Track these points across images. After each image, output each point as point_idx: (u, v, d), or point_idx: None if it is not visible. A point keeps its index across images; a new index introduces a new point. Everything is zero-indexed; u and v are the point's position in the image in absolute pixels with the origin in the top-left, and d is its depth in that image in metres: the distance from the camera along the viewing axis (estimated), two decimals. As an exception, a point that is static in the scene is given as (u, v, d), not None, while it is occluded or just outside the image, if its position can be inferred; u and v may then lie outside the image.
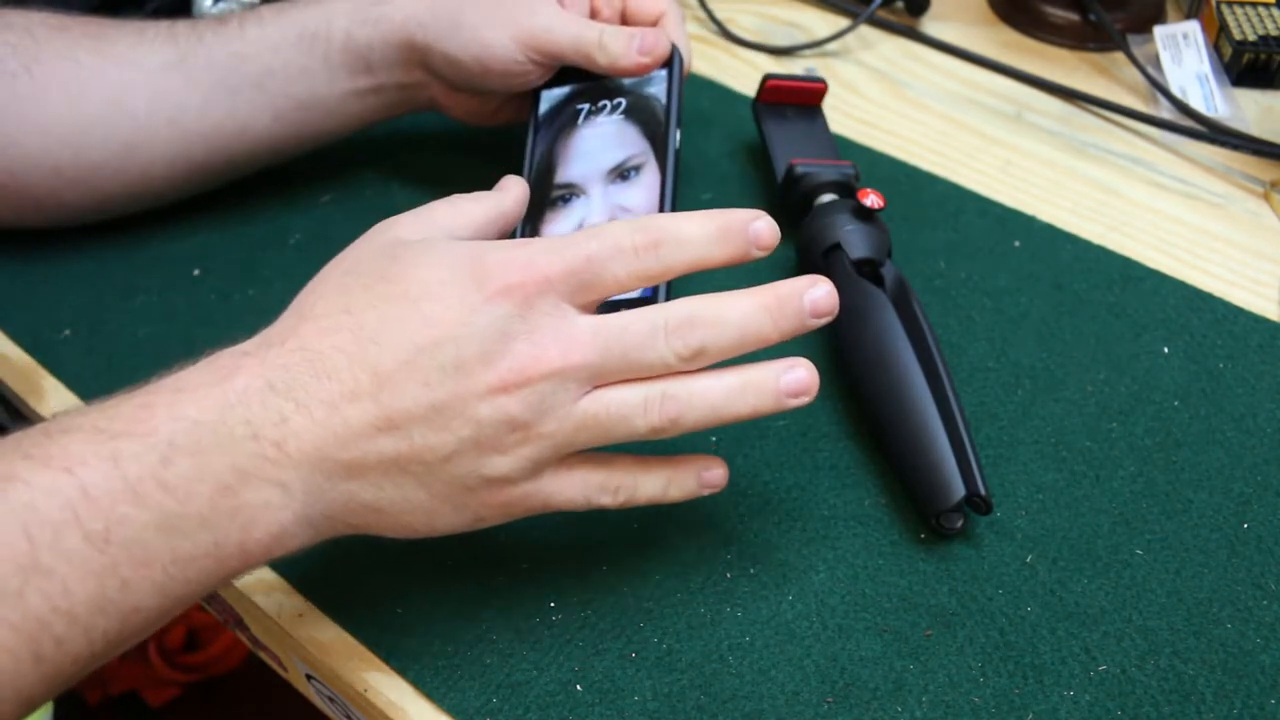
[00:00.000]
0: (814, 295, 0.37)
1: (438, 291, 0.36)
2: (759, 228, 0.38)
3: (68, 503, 0.31)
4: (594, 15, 0.55)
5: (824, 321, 0.38)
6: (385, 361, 0.35)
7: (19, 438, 0.33)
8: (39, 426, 0.34)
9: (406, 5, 0.53)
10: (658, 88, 0.53)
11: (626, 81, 0.54)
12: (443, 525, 0.38)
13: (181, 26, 0.54)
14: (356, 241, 0.40)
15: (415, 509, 0.37)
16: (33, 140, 0.52)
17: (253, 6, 0.74)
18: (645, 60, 0.51)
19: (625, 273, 0.37)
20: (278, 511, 0.35)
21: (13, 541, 0.31)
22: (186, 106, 0.53)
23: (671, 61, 0.53)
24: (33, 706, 0.32)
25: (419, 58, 0.53)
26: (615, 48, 0.51)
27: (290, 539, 0.36)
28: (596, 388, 0.37)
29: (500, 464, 0.37)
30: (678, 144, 0.52)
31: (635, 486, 0.40)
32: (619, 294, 0.38)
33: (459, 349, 0.35)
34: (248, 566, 0.35)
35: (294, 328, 0.37)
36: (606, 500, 0.39)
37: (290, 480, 0.35)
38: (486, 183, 0.44)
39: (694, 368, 0.37)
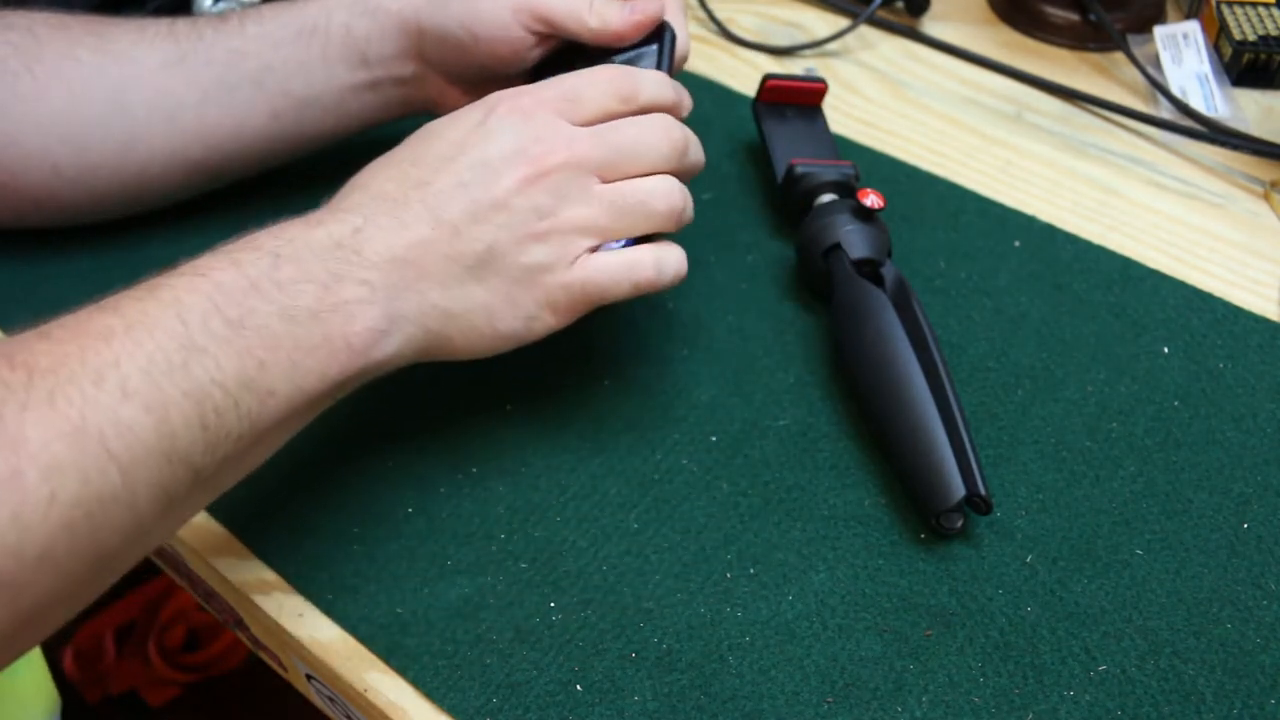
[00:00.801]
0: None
1: (456, 122, 0.44)
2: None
3: (207, 296, 0.37)
4: None
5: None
6: (425, 174, 0.43)
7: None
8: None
9: None
10: (647, 63, 0.52)
11: (617, 60, 0.53)
12: (503, 328, 0.44)
13: (182, 24, 0.54)
14: None
15: (476, 307, 0.43)
16: (32, 139, 0.52)
17: (254, 5, 0.74)
18: (637, 18, 0.50)
19: (600, 93, 0.45)
20: (368, 306, 0.40)
21: (171, 326, 0.36)
22: (184, 104, 0.53)
23: (663, 39, 0.52)
24: (201, 479, 0.36)
25: (415, 45, 0.53)
26: (607, 11, 0.50)
27: (384, 338, 0.41)
28: (606, 181, 0.44)
29: (538, 251, 0.43)
30: None
31: (661, 252, 0.45)
32: (599, 114, 0.45)
33: (483, 153, 0.43)
34: (355, 365, 0.40)
35: (354, 181, 0.44)
36: (648, 272, 0.45)
37: (373, 279, 0.41)
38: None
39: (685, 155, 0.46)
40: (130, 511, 0.34)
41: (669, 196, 0.45)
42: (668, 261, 0.45)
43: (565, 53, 0.54)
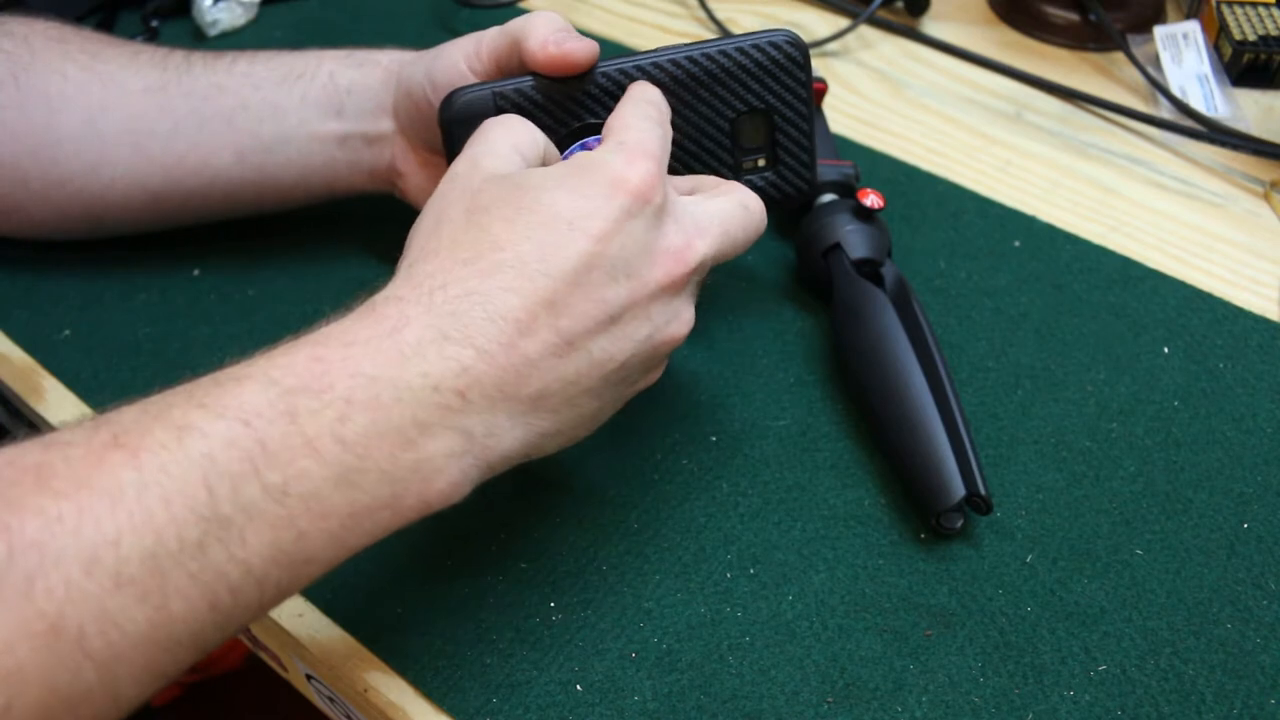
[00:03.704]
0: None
1: (586, 206, 0.37)
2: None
3: (246, 455, 0.31)
4: None
5: None
6: (559, 288, 0.36)
7: (190, 387, 0.33)
8: (208, 376, 0.33)
9: (398, 53, 0.52)
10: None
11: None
12: (602, 422, 0.40)
13: (177, 55, 0.53)
14: (451, 186, 0.39)
15: (585, 420, 0.39)
16: (5, 148, 0.51)
17: (253, 19, 0.74)
18: (555, 51, 0.44)
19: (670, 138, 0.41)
20: (459, 459, 0.35)
21: (193, 492, 0.30)
22: (155, 132, 0.52)
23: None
24: (206, 650, 0.32)
25: (392, 102, 0.51)
26: (565, 38, 0.44)
27: (467, 484, 0.36)
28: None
29: (664, 349, 0.40)
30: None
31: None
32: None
33: (625, 254, 0.37)
34: (423, 515, 0.35)
35: (447, 269, 0.36)
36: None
37: (473, 426, 0.35)
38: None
39: None
40: (110, 701, 0.29)
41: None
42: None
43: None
